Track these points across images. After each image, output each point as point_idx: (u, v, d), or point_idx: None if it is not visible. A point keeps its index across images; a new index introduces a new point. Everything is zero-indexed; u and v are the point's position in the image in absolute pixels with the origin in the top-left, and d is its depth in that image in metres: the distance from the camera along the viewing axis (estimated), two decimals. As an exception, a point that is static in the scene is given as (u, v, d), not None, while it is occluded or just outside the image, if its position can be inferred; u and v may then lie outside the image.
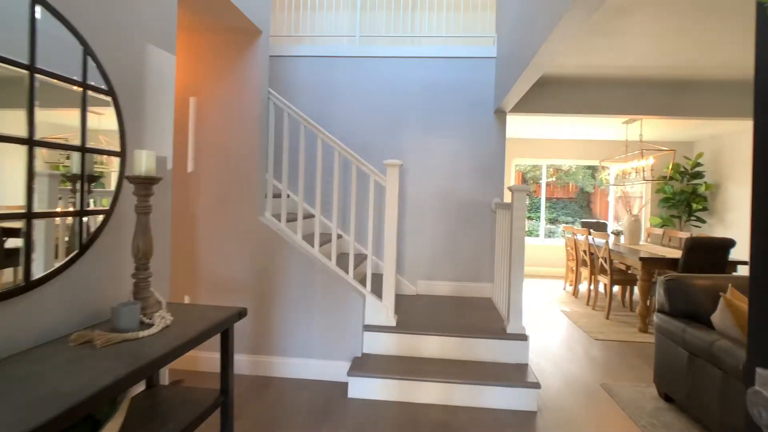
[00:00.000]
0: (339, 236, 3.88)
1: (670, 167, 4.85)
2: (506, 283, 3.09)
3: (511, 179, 6.89)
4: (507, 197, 7.04)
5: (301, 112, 3.18)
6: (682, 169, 6.04)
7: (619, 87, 3.77)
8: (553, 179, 8.13)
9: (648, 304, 4.07)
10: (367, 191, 3.87)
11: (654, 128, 5.39)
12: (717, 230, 5.74)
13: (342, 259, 3.47)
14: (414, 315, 3.24)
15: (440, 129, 3.89)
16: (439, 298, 3.82)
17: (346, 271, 3.04)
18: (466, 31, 4.10)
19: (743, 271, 5.05)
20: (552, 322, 4.41)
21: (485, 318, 3.22)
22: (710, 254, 3.71)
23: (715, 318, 2.44)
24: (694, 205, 5.79)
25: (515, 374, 2.69)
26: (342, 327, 2.86)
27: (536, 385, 2.58)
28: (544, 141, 6.84)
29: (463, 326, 3.00)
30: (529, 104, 3.86)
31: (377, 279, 3.75)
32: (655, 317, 2.80)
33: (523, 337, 2.89)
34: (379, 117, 3.90)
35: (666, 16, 2.45)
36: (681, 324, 2.53)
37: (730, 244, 3.67)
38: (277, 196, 3.35)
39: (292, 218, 3.27)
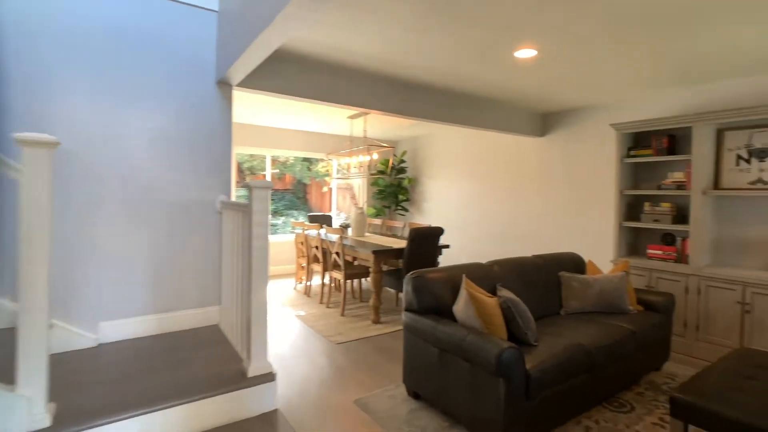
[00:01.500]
0: None
1: (390, 162, 5.29)
2: (244, 306, 2.31)
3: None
4: (235, 194, 6.19)
5: None
6: (391, 165, 6.83)
7: (360, 78, 3.59)
8: (278, 171, 7.77)
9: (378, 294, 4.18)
10: (-19, 182, 2.21)
11: (372, 125, 5.75)
12: (416, 217, 6.80)
13: None
14: (92, 388, 1.99)
15: (137, 97, 2.66)
16: (139, 343, 2.62)
17: None
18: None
19: (446, 253, 6.14)
20: (290, 333, 3.93)
21: (214, 359, 2.34)
22: (427, 241, 4.11)
23: (458, 310, 2.48)
24: (400, 197, 6.65)
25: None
26: None
27: (293, 441, 1.96)
28: (268, 129, 6.31)
29: (183, 383, 2.03)
30: (262, 80, 3.14)
31: (5, 337, 2.19)
32: (404, 316, 2.69)
33: (270, 377, 2.20)
34: (19, 67, 2.29)
35: (408, 14, 2.27)
36: (431, 322, 2.47)
37: (441, 231, 4.17)
38: None
39: None
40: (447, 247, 4.50)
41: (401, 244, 4.41)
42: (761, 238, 3.14)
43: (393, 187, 6.59)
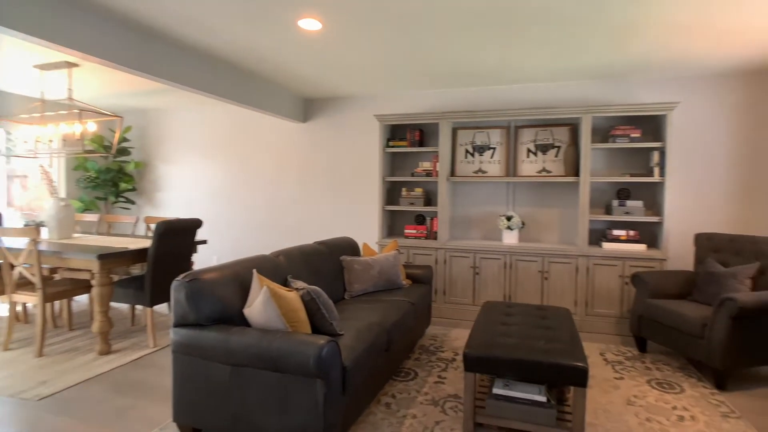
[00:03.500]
0: None
1: (117, 137, 3.93)
2: None
3: None
4: None
5: None
6: (107, 143, 5.26)
7: (82, 7, 2.47)
8: None
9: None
10: None
11: (79, 86, 4.25)
12: (147, 210, 5.53)
13: None
14: None
15: None
16: None
17: None
18: None
19: (202, 249, 5.20)
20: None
21: None
22: (182, 238, 3.34)
23: (253, 313, 2.08)
24: (123, 185, 5.24)
25: None
26: None
27: None
28: None
29: None
30: None
31: None
32: (174, 334, 2.07)
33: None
34: None
35: None
36: (220, 334, 1.98)
37: (198, 224, 3.46)
38: None
39: None
40: (204, 242, 3.83)
41: (141, 243, 3.44)
42: (481, 215, 4.12)
43: (112, 173, 5.12)
